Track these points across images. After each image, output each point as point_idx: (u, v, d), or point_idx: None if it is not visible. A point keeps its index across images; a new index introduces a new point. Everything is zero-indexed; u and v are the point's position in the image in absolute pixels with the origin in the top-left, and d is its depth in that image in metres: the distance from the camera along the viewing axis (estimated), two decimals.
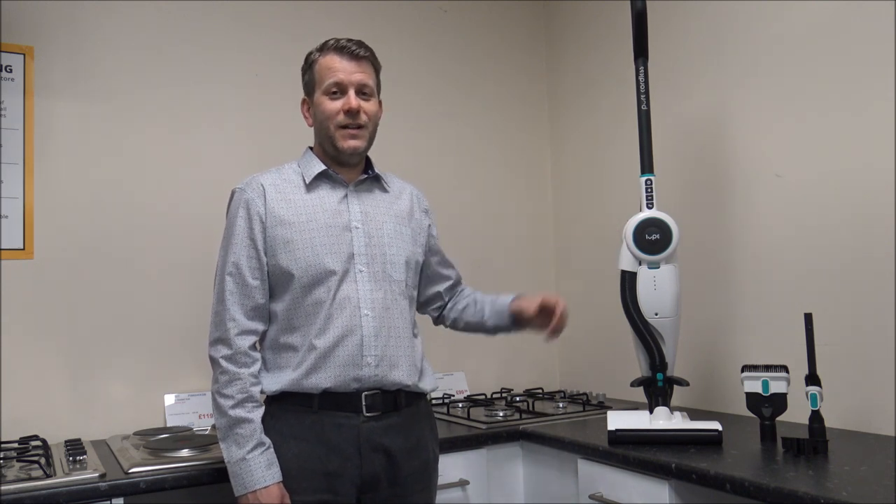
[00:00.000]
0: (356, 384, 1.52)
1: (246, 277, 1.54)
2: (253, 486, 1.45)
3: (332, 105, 1.57)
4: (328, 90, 1.57)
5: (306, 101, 1.65)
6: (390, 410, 1.56)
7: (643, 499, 1.62)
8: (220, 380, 1.51)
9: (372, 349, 1.53)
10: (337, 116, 1.57)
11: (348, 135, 1.58)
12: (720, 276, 2.16)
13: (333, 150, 1.60)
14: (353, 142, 1.58)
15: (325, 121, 1.58)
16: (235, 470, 1.47)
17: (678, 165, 2.29)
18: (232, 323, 1.52)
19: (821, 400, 1.61)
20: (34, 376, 2.01)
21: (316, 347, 1.51)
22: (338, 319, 1.52)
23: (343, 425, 1.52)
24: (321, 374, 1.51)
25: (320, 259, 1.54)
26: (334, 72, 1.57)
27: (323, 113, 1.58)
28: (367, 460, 1.52)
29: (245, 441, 1.47)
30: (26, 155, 2.04)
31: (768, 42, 2.03)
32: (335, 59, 1.58)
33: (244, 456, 1.46)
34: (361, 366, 1.52)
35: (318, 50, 1.61)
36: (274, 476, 1.47)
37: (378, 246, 1.59)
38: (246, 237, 1.55)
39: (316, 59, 1.61)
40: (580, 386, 2.71)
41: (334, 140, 1.58)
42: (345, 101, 1.56)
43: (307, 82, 1.64)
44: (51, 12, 2.11)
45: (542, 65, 2.95)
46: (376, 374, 1.53)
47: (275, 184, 1.60)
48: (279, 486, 1.47)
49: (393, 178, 1.75)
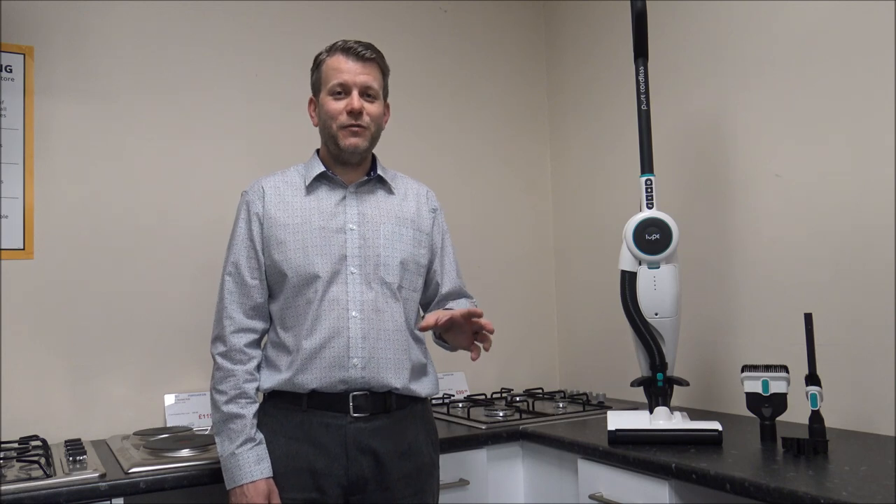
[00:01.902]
0: (343, 385, 1.53)
1: (245, 277, 1.59)
2: (241, 481, 1.48)
3: (335, 105, 1.59)
4: (333, 90, 1.60)
5: (313, 100, 1.68)
6: (380, 412, 1.55)
7: (643, 499, 1.62)
8: (215, 376, 1.57)
9: (359, 351, 1.53)
10: (340, 116, 1.59)
11: (349, 132, 1.59)
12: (720, 276, 2.16)
13: (336, 149, 1.62)
14: (353, 139, 1.59)
15: (328, 120, 1.61)
16: (226, 464, 1.51)
17: (678, 165, 2.29)
18: (228, 321, 1.57)
19: (821, 400, 1.61)
20: (34, 376, 2.01)
21: (304, 348, 1.53)
22: (325, 321, 1.54)
23: (330, 425, 1.52)
24: (308, 374, 1.53)
25: (310, 260, 1.56)
26: (339, 72, 1.59)
27: (327, 112, 1.60)
28: (353, 461, 1.52)
29: (236, 436, 1.51)
30: (26, 155, 2.04)
31: (768, 42, 2.03)
32: (341, 60, 1.60)
33: (234, 451, 1.50)
34: (347, 367, 1.53)
35: (327, 51, 1.64)
36: (263, 471, 1.49)
37: (372, 247, 1.60)
38: (246, 238, 1.60)
39: (324, 59, 1.63)
40: (580, 386, 2.71)
41: (336, 139, 1.60)
42: (348, 101, 1.58)
43: (314, 82, 1.67)
44: (51, 12, 2.11)
45: (542, 65, 2.95)
46: (363, 376, 1.53)
47: (276, 186, 1.63)
48: (267, 482, 1.49)
49: (403, 178, 1.75)
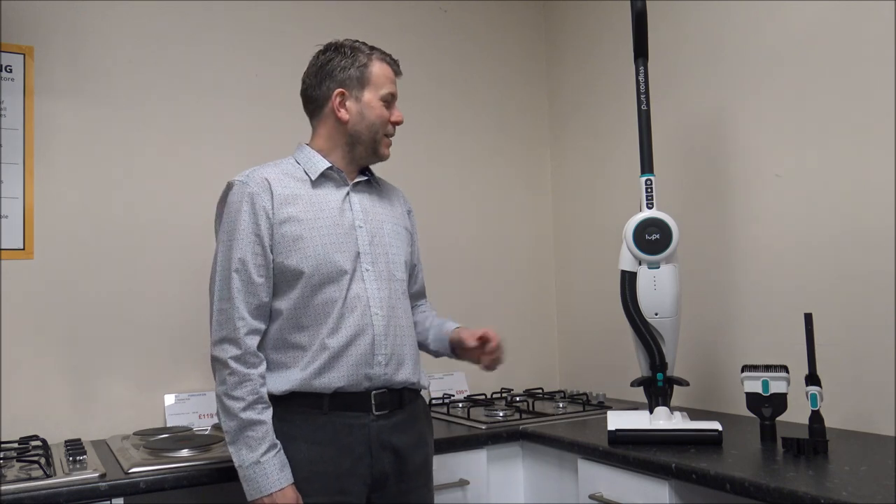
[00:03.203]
0: (367, 383, 1.52)
1: (252, 275, 1.50)
2: (269, 490, 1.42)
3: (386, 113, 1.62)
4: (385, 98, 1.62)
5: (345, 93, 1.59)
6: (396, 408, 1.57)
7: (643, 499, 1.62)
8: (228, 381, 1.46)
9: (383, 348, 1.54)
10: (387, 125, 1.63)
11: (388, 143, 1.65)
12: (720, 276, 2.16)
13: (369, 154, 1.64)
14: (388, 150, 1.67)
15: (375, 123, 1.61)
16: (248, 474, 1.43)
17: (678, 165, 2.29)
18: (241, 322, 1.47)
19: (821, 400, 1.61)
20: (34, 376, 2.01)
21: (328, 347, 1.50)
22: (350, 318, 1.52)
23: (354, 426, 1.51)
24: (334, 373, 1.49)
25: (331, 257, 1.52)
26: (390, 82, 1.63)
27: (379, 117, 1.61)
28: (377, 459, 1.52)
29: (258, 444, 1.44)
30: (26, 155, 2.04)
31: (769, 42, 2.03)
32: (389, 70, 1.64)
33: (258, 459, 1.43)
34: (373, 364, 1.52)
35: (367, 52, 1.62)
36: (288, 478, 1.45)
37: (381, 245, 1.61)
38: (251, 233, 1.51)
39: (369, 60, 1.61)
40: (580, 386, 2.71)
41: (377, 145, 1.63)
42: (396, 113, 1.64)
43: (355, 77, 1.59)
44: (51, 12, 2.11)
45: (542, 65, 2.95)
46: (385, 373, 1.54)
47: (279, 178, 1.56)
48: (293, 488, 1.45)
49: (382, 180, 1.77)
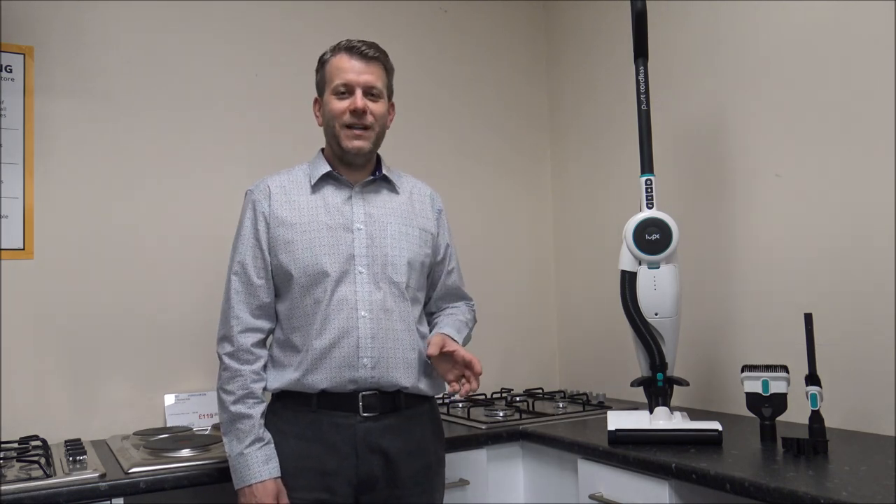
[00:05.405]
0: (353, 385, 1.53)
1: (251, 277, 1.58)
2: (250, 481, 1.48)
3: (339, 104, 1.59)
4: (336, 90, 1.59)
5: (318, 100, 1.67)
6: (389, 411, 1.56)
7: (643, 499, 1.62)
8: (222, 376, 1.56)
9: (368, 351, 1.54)
10: (343, 116, 1.58)
11: (353, 135, 1.59)
12: (720, 276, 2.16)
13: (339, 150, 1.62)
14: (357, 142, 1.59)
15: (331, 120, 1.61)
16: (234, 464, 1.51)
17: (678, 165, 2.29)
18: (235, 321, 1.56)
19: (821, 400, 1.61)
20: (34, 376, 2.01)
21: (313, 348, 1.53)
22: (334, 321, 1.53)
23: (340, 425, 1.53)
24: (318, 374, 1.52)
25: (318, 260, 1.55)
26: (343, 72, 1.59)
27: (330, 112, 1.60)
28: (363, 460, 1.52)
29: (244, 436, 1.50)
30: (26, 155, 2.04)
31: (768, 42, 2.03)
32: (345, 60, 1.59)
33: (242, 451, 1.49)
34: (357, 367, 1.53)
35: (331, 50, 1.63)
36: (271, 471, 1.49)
37: (380, 247, 1.60)
38: (252, 237, 1.59)
39: (328, 59, 1.63)
40: (580, 386, 2.71)
41: (339, 139, 1.60)
42: (351, 101, 1.58)
43: (318, 82, 1.67)
44: (51, 12, 2.10)
45: (542, 65, 2.95)
46: (373, 376, 1.54)
47: (282, 185, 1.63)
48: (276, 482, 1.49)
49: (407, 177, 1.75)
